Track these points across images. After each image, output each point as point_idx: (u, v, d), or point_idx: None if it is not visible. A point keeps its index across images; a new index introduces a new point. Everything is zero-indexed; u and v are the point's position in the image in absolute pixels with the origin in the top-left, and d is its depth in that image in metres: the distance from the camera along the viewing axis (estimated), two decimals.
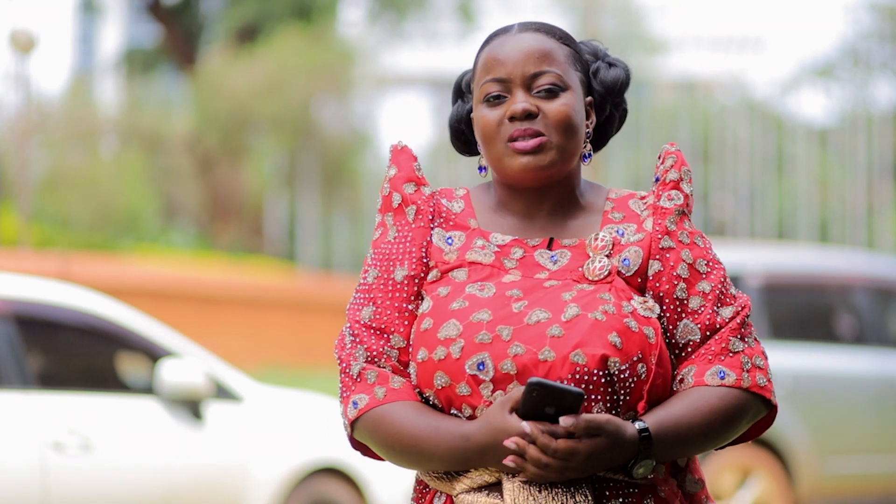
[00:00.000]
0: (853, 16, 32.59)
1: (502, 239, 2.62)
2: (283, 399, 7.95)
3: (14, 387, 6.70)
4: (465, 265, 2.60)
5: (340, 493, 7.91)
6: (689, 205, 2.65)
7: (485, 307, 2.53)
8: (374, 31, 33.56)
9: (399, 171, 2.68)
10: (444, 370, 2.51)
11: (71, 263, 15.03)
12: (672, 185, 2.65)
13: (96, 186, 27.25)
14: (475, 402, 2.50)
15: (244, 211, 29.90)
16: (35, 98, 26.43)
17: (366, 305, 2.61)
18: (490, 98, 2.61)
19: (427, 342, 2.53)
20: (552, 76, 2.60)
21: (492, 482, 2.50)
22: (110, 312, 7.26)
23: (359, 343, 2.59)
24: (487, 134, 2.61)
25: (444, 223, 2.65)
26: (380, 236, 2.66)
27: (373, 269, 2.64)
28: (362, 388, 2.56)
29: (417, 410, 2.53)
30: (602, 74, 2.70)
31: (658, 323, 2.54)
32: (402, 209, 2.66)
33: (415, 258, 2.62)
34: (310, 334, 22.59)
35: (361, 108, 31.29)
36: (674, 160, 2.67)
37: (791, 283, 10.08)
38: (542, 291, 2.55)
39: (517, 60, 2.60)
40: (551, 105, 2.59)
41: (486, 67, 2.63)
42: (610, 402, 2.49)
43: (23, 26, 19.27)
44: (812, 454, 9.71)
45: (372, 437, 2.56)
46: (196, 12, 33.45)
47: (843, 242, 26.82)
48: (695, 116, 29.49)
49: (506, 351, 2.48)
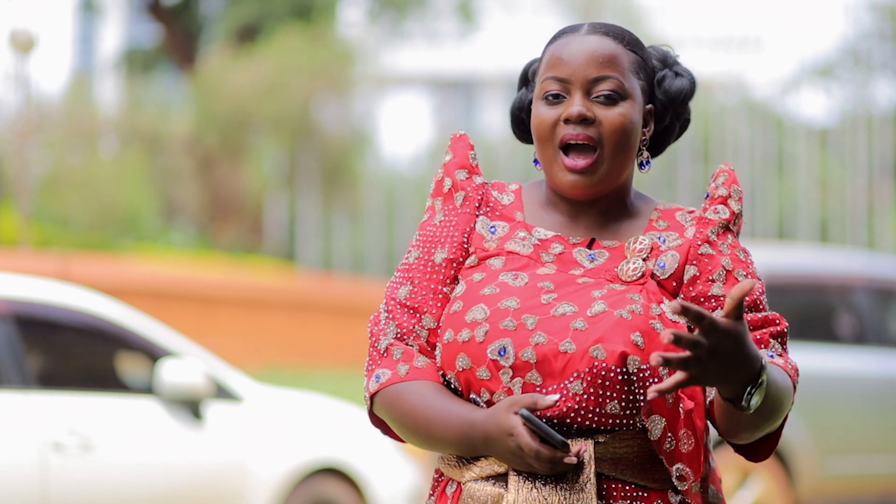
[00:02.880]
0: (853, 16, 32.59)
1: (545, 234, 2.64)
2: (283, 399, 7.94)
3: (14, 387, 6.70)
4: (504, 254, 2.63)
5: (340, 493, 7.91)
6: (735, 222, 2.64)
7: (514, 295, 2.55)
8: (374, 31, 33.55)
9: (454, 158, 2.71)
10: (466, 352, 2.53)
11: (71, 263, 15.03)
12: (720, 201, 2.65)
13: (96, 186, 27.25)
14: (494, 386, 2.51)
15: (244, 211, 29.89)
16: (35, 98, 26.43)
17: (403, 284, 2.65)
18: (549, 96, 2.61)
19: (454, 324, 2.56)
20: (613, 83, 2.59)
21: (501, 472, 2.52)
22: (110, 312, 7.25)
23: (391, 319, 2.62)
24: (542, 133, 2.62)
25: (491, 212, 2.68)
26: (427, 219, 2.69)
27: (415, 250, 2.67)
28: (387, 363, 2.60)
29: (435, 390, 2.55)
30: (667, 84, 2.69)
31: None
32: (451, 194, 2.69)
33: (456, 242, 2.65)
34: (310, 334, 22.59)
35: (361, 108, 31.29)
36: (725, 178, 2.66)
37: (791, 283, 10.07)
38: (573, 286, 2.56)
39: (580, 62, 2.59)
40: (609, 113, 2.58)
41: (549, 64, 2.63)
42: (626, 401, 2.49)
43: (23, 26, 19.26)
44: (812, 454, 9.70)
45: (388, 413, 2.59)
46: (196, 12, 33.44)
47: (844, 242, 26.82)
48: (695, 116, 29.39)
49: (528, 339, 2.50)
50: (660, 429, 2.49)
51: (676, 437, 2.49)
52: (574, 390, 2.47)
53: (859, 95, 31.65)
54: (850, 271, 10.46)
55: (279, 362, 20.99)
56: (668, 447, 2.50)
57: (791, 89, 33.76)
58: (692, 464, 2.52)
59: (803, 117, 32.78)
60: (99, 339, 7.29)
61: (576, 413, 2.48)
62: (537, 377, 2.49)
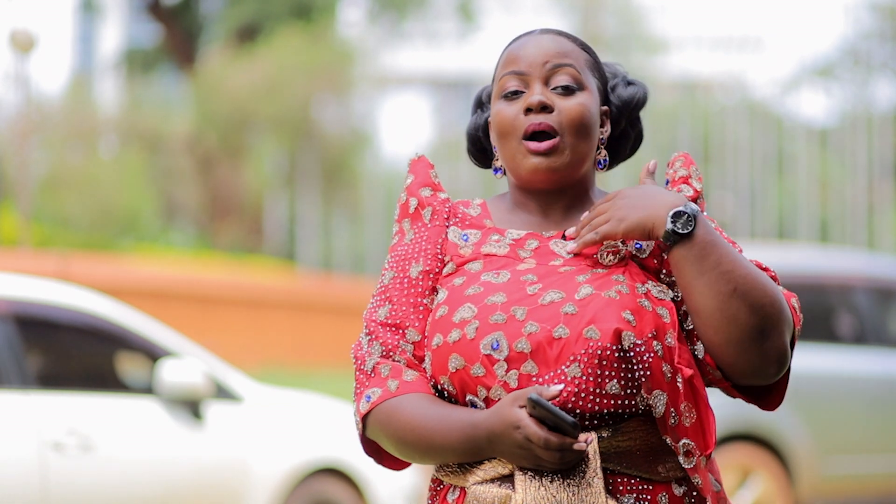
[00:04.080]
0: (853, 16, 32.61)
1: (517, 234, 2.67)
2: (283, 399, 7.95)
3: (14, 387, 6.70)
4: (481, 257, 2.65)
5: (340, 493, 7.91)
6: (697, 200, 2.68)
7: (500, 291, 2.56)
8: (374, 31, 33.57)
9: (416, 178, 2.75)
10: (458, 352, 2.53)
11: (71, 263, 15.04)
12: (682, 181, 2.70)
13: (96, 186, 27.26)
14: (490, 382, 2.51)
15: (244, 211, 29.91)
16: (35, 98, 26.44)
17: (381, 305, 2.66)
18: (508, 94, 2.66)
19: (442, 327, 2.56)
20: (570, 71, 2.65)
21: (505, 474, 2.52)
22: (110, 312, 7.26)
23: (374, 340, 2.63)
24: (503, 128, 2.66)
25: (460, 222, 2.71)
26: (397, 241, 2.72)
27: (389, 272, 2.69)
28: (376, 381, 2.60)
29: (429, 401, 2.55)
30: (619, 90, 2.76)
31: (673, 305, 2.56)
32: (419, 212, 2.72)
33: (430, 254, 2.67)
34: (310, 334, 22.60)
35: (361, 108, 31.31)
36: (682, 161, 2.72)
37: (791, 283, 10.07)
38: (556, 275, 2.58)
39: (537, 55, 2.66)
40: (567, 102, 2.64)
41: (506, 62, 2.69)
42: (625, 379, 2.50)
43: (23, 26, 19.27)
44: (812, 454, 9.71)
45: (383, 431, 2.58)
46: (196, 12, 33.46)
47: (844, 242, 26.84)
48: (695, 116, 29.48)
49: (520, 330, 2.51)
50: (662, 404, 2.51)
51: (678, 411, 2.52)
52: (572, 374, 2.48)
53: (859, 95, 31.66)
54: (850, 271, 10.47)
55: (279, 362, 21.00)
56: (673, 422, 2.52)
57: (791, 89, 33.77)
58: (696, 437, 2.54)
59: (803, 117, 32.81)
60: (99, 339, 7.29)
61: (577, 397, 2.49)
62: (533, 367, 2.50)
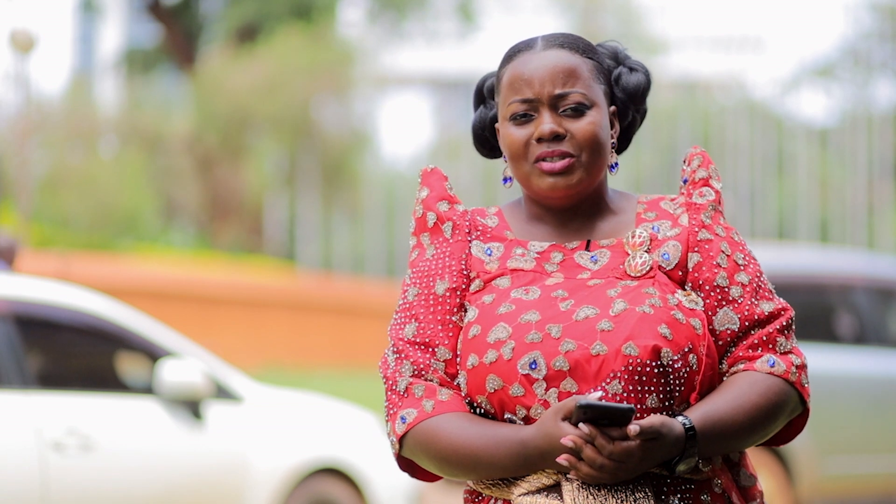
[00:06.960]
0: (853, 16, 32.63)
1: (540, 246, 2.64)
2: (283, 399, 7.94)
3: (14, 387, 6.70)
4: (508, 273, 2.62)
5: (340, 493, 7.91)
6: (720, 201, 2.68)
7: (532, 308, 2.54)
8: (374, 31, 33.57)
9: (431, 192, 2.70)
10: (495, 373, 2.51)
11: (71, 263, 15.04)
12: (702, 183, 2.68)
13: (96, 186, 27.26)
14: (529, 402, 2.50)
15: (244, 211, 29.90)
16: (35, 98, 26.43)
17: (408, 323, 2.62)
18: (517, 116, 2.63)
19: (476, 348, 2.54)
20: (578, 95, 2.61)
21: (550, 484, 2.51)
22: (110, 312, 7.25)
23: (404, 359, 2.59)
24: (515, 153, 2.63)
25: (482, 236, 2.67)
26: (417, 256, 2.68)
27: (412, 288, 2.64)
28: (410, 402, 2.56)
29: (469, 421, 2.53)
30: (624, 81, 2.71)
31: (703, 315, 2.56)
32: (438, 227, 2.68)
33: (455, 271, 2.64)
34: (310, 334, 22.61)
35: (361, 108, 31.31)
36: (700, 160, 2.71)
37: (791, 283, 10.07)
38: (586, 290, 2.57)
39: (543, 79, 2.61)
40: (578, 124, 2.60)
41: (511, 87, 2.64)
42: (664, 393, 2.51)
43: (23, 26, 19.26)
44: (812, 454, 9.71)
45: (424, 451, 2.56)
46: (196, 12, 33.46)
47: (844, 242, 26.85)
48: (695, 116, 29.49)
49: (557, 348, 2.49)
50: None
51: None
52: (613, 390, 2.49)
53: (859, 95, 31.68)
54: (850, 271, 10.46)
55: (279, 362, 21.00)
56: None
57: (791, 89, 33.79)
58: None
59: (803, 117, 32.83)
60: (99, 339, 7.28)
61: None
62: (572, 384, 2.49)
